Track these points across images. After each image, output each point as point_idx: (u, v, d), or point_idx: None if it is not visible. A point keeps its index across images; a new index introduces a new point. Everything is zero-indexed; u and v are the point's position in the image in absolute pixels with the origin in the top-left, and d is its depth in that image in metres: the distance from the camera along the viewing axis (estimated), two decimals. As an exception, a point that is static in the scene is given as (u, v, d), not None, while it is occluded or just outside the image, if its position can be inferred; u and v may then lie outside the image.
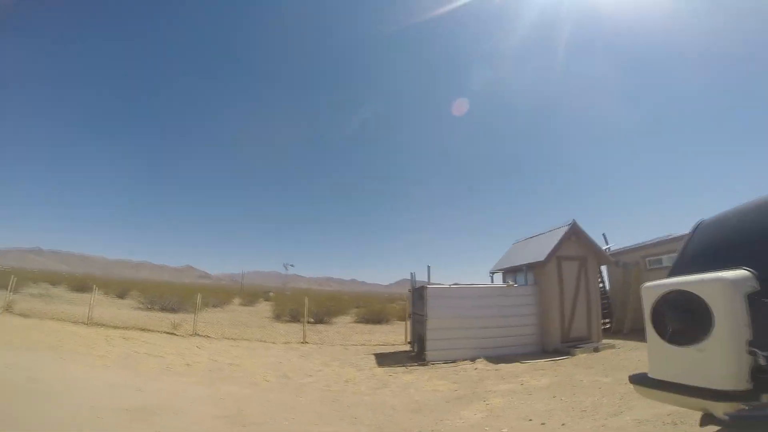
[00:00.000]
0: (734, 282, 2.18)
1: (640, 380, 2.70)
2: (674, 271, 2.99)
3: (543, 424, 4.55)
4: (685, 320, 2.36)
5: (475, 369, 8.02)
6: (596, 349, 9.52)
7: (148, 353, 8.75)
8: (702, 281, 2.33)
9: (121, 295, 26.33)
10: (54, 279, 33.89)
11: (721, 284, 2.20)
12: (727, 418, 2.21)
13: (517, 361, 8.65)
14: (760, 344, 2.06)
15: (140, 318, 15.37)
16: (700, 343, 2.23)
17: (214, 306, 24.17)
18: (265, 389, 6.38)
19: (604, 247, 13.05)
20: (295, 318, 18.96)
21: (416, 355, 10.13)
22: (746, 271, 2.22)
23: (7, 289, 14.47)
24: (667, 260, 12.52)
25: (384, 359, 9.65)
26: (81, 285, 26.69)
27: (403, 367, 8.47)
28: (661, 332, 2.47)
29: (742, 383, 2.09)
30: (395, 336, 14.59)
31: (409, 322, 13.01)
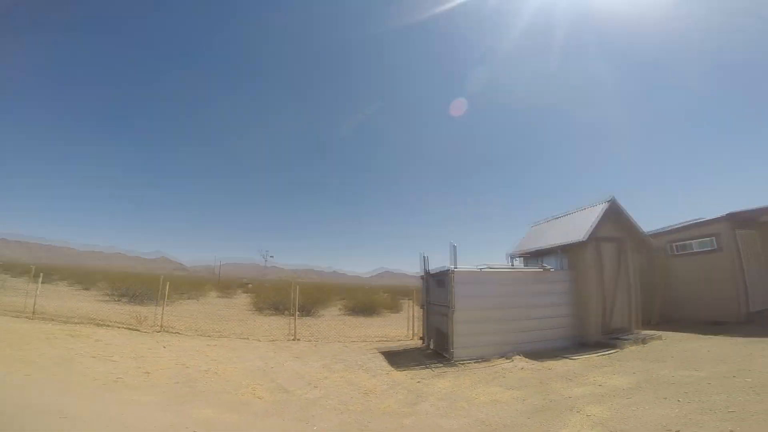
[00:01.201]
0: None
1: None
2: None
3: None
4: None
5: (521, 369, 6.42)
6: (644, 341, 8.15)
7: (96, 356, 6.71)
8: None
9: (88, 286, 23.56)
10: (15, 269, 30.21)
11: None
12: None
13: (563, 357, 7.15)
14: None
15: (102, 311, 13.08)
16: None
17: (189, 298, 21.90)
18: (259, 412, 4.51)
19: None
20: (278, 310, 16.99)
21: (434, 352, 8.46)
22: None
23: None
24: (697, 245, 11.33)
25: (397, 359, 7.92)
26: (46, 275, 23.62)
27: (428, 370, 6.77)
28: None
29: None
30: (395, 329, 12.91)
31: (417, 314, 11.42)
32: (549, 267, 9.10)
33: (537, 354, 7.62)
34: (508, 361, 7.14)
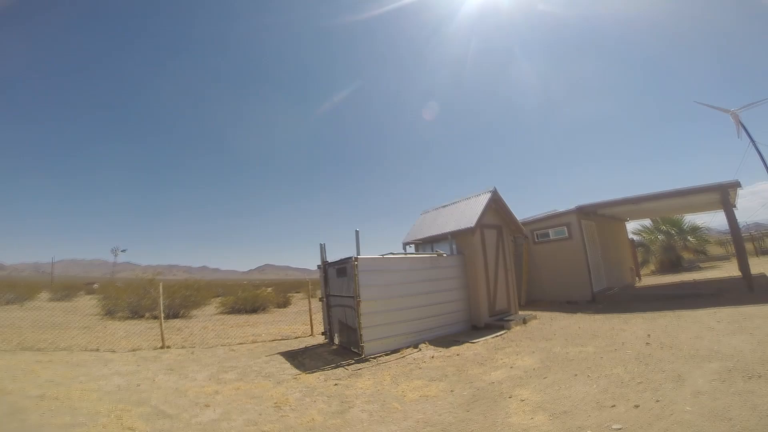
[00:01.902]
0: None
1: None
2: None
3: (637, 406, 3.40)
4: None
5: (432, 357, 6.35)
6: (525, 321, 9.07)
7: None
8: None
9: None
10: None
11: None
12: None
13: (464, 341, 7.40)
14: None
15: None
16: None
17: (9, 302, 16.70)
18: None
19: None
20: (136, 313, 14.13)
21: (341, 347, 7.90)
22: None
23: None
24: (555, 233, 13.29)
25: (301, 360, 7.12)
26: None
27: (341, 369, 6.16)
28: None
29: None
30: (289, 326, 11.92)
31: (315, 308, 10.65)
32: (443, 253, 9.43)
33: (440, 340, 7.76)
34: (416, 350, 7.06)
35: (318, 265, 9.52)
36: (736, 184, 10.23)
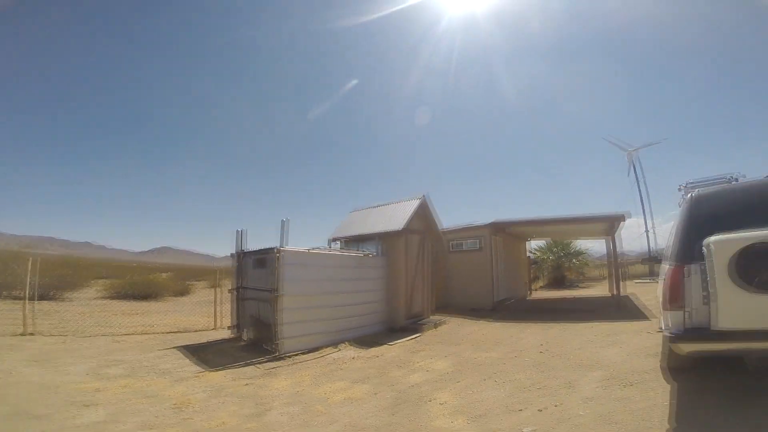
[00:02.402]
0: None
1: (697, 336, 3.07)
2: (687, 234, 3.41)
3: (540, 410, 3.71)
4: None
5: (353, 358, 6.30)
6: (436, 326, 9.52)
7: None
8: None
9: None
10: None
11: None
12: None
13: (383, 343, 7.50)
14: None
15: None
16: None
17: None
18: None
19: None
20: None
21: (252, 344, 7.39)
22: None
23: None
24: (468, 245, 14.23)
25: (205, 356, 6.48)
26: None
27: (253, 367, 5.75)
28: (745, 282, 2.78)
29: None
30: (189, 317, 10.84)
31: (224, 299, 9.82)
32: (369, 253, 9.47)
33: (360, 341, 7.74)
34: (336, 350, 6.94)
35: (232, 253, 8.85)
36: (622, 217, 12.06)
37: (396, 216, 10.26)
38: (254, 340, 7.43)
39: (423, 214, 10.81)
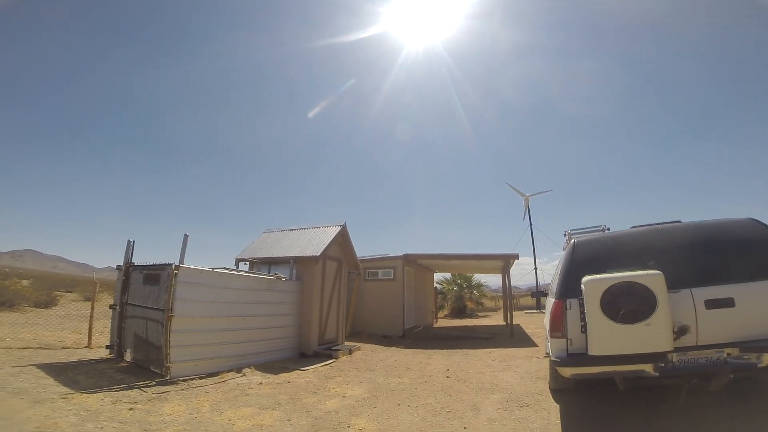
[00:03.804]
0: (662, 276, 3.25)
1: (577, 361, 3.49)
2: (569, 274, 3.96)
3: (460, 428, 3.68)
4: (637, 303, 3.19)
5: (259, 384, 5.83)
6: (350, 352, 9.40)
7: None
8: (647, 275, 3.30)
9: None
10: None
11: (659, 277, 3.25)
12: (657, 374, 3.23)
13: (294, 369, 7.15)
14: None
15: None
16: (649, 318, 3.17)
17: None
18: None
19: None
20: None
21: (133, 365, 6.41)
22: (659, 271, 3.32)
23: None
24: (383, 274, 14.53)
25: (72, 375, 5.44)
26: None
27: (137, 390, 4.97)
28: (612, 315, 3.24)
29: (671, 345, 3.16)
30: (53, 332, 9.08)
31: (101, 314, 8.42)
32: (282, 276, 9.10)
33: (267, 366, 7.26)
34: (240, 375, 6.40)
35: (119, 265, 7.77)
36: (516, 256, 13.54)
37: (313, 241, 10.13)
38: (139, 361, 6.48)
39: (342, 241, 10.84)
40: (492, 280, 23.78)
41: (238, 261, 10.75)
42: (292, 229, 11.64)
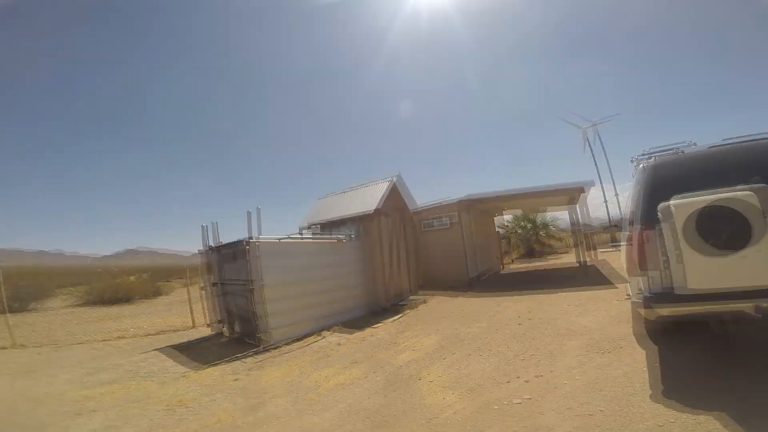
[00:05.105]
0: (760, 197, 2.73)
1: (667, 299, 3.05)
2: (649, 197, 3.41)
3: (527, 381, 3.86)
4: (738, 227, 2.71)
5: (338, 344, 6.41)
6: (418, 304, 9.75)
7: None
8: (737, 198, 2.76)
9: None
10: None
11: (754, 198, 2.73)
12: (760, 315, 2.77)
13: (367, 326, 7.67)
14: None
15: None
16: (758, 245, 2.68)
17: None
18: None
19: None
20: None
21: (235, 339, 7.36)
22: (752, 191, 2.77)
23: None
24: (437, 224, 14.47)
25: (186, 355, 6.42)
26: None
27: (239, 362, 5.76)
28: (712, 242, 2.77)
29: None
30: (164, 318, 10.57)
31: (196, 297, 9.62)
32: (343, 237, 9.51)
33: (344, 326, 7.87)
34: (320, 337, 7.04)
35: (200, 250, 8.63)
36: (581, 189, 12.64)
37: (367, 198, 10.30)
38: (236, 335, 7.40)
39: (396, 194, 10.91)
40: (564, 217, 22.57)
41: (301, 230, 11.42)
42: (345, 191, 11.98)
